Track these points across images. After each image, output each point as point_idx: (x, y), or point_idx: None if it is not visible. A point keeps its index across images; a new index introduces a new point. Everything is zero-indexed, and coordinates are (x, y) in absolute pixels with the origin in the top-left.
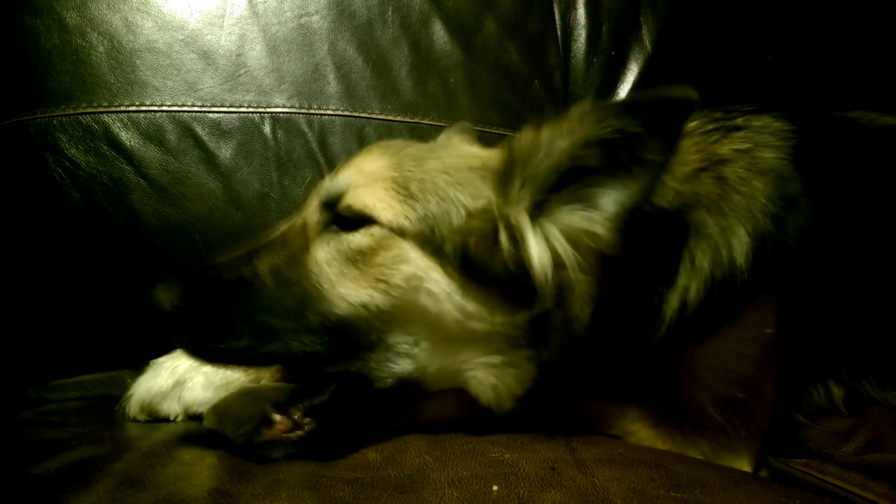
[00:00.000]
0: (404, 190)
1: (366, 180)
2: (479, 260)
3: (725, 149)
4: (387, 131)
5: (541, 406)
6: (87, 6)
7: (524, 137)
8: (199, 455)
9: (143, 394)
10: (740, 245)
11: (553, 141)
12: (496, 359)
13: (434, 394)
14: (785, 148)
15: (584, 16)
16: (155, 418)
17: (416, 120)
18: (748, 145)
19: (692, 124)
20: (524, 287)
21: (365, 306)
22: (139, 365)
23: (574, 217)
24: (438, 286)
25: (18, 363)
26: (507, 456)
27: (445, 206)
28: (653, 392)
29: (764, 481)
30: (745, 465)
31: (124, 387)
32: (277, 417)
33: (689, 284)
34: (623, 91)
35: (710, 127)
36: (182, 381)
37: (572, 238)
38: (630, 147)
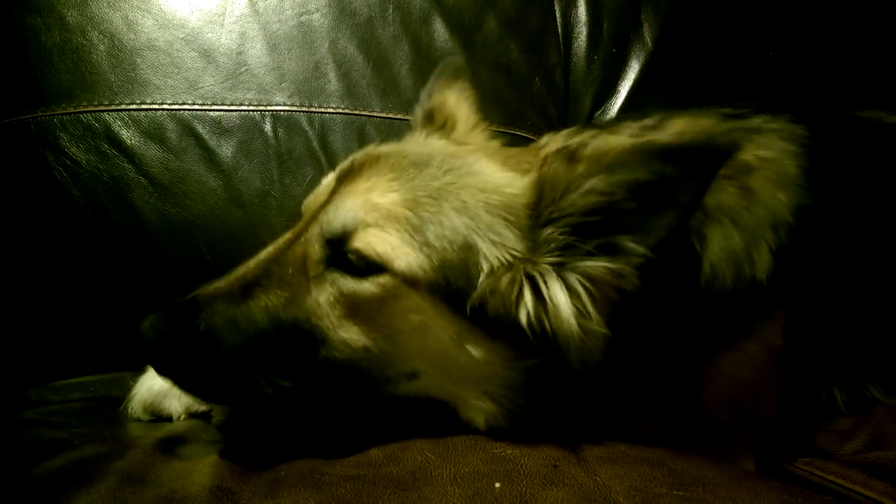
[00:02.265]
0: (420, 235)
1: (375, 219)
2: (491, 309)
3: (749, 155)
4: (387, 129)
5: (545, 419)
6: (87, 4)
7: (555, 172)
8: (201, 453)
9: (145, 393)
10: (763, 261)
11: (590, 180)
12: (490, 401)
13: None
14: (805, 157)
15: (584, 13)
16: (157, 417)
17: None
18: (771, 153)
19: (706, 122)
20: (536, 336)
21: (367, 350)
22: (140, 366)
23: (600, 266)
24: (446, 333)
25: (19, 363)
26: (509, 453)
27: (464, 256)
28: (662, 396)
29: (766, 480)
30: (749, 466)
31: (125, 388)
32: None
33: (708, 300)
34: (624, 89)
35: (726, 126)
36: None
37: (596, 286)
38: (663, 189)
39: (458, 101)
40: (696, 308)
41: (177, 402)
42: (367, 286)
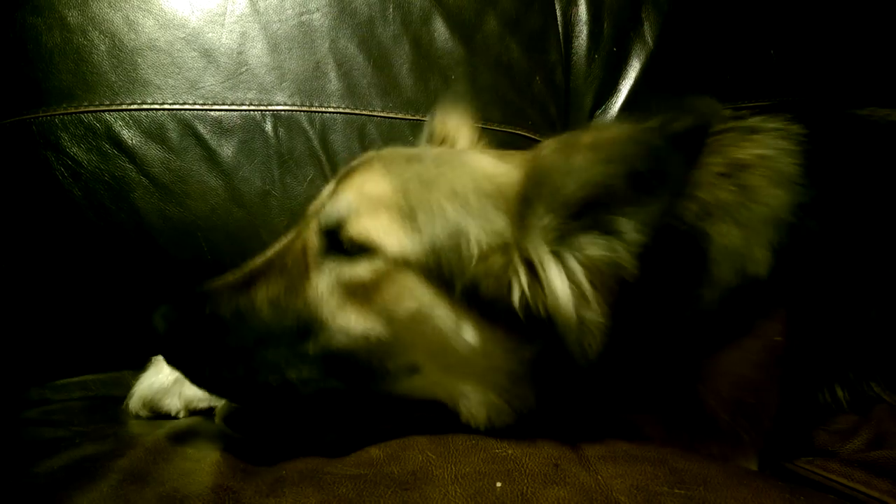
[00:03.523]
0: (410, 219)
1: (368, 207)
2: (487, 293)
3: (746, 153)
4: (388, 129)
5: (546, 417)
6: (88, 5)
7: (550, 158)
8: (203, 452)
9: (145, 390)
10: (763, 258)
11: (586, 166)
12: (492, 394)
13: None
14: (802, 154)
15: (585, 12)
16: (157, 414)
17: (417, 117)
18: (768, 151)
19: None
20: (532, 321)
21: (366, 338)
22: (141, 365)
23: (596, 247)
24: (443, 321)
25: (20, 363)
26: (510, 452)
27: (454, 237)
28: (664, 396)
29: (768, 478)
30: (752, 465)
31: (127, 387)
32: None
33: (711, 297)
34: (625, 87)
35: (724, 126)
36: (183, 378)
37: (593, 270)
38: (661, 174)
39: (458, 124)
40: (697, 305)
41: (177, 399)
42: (362, 270)
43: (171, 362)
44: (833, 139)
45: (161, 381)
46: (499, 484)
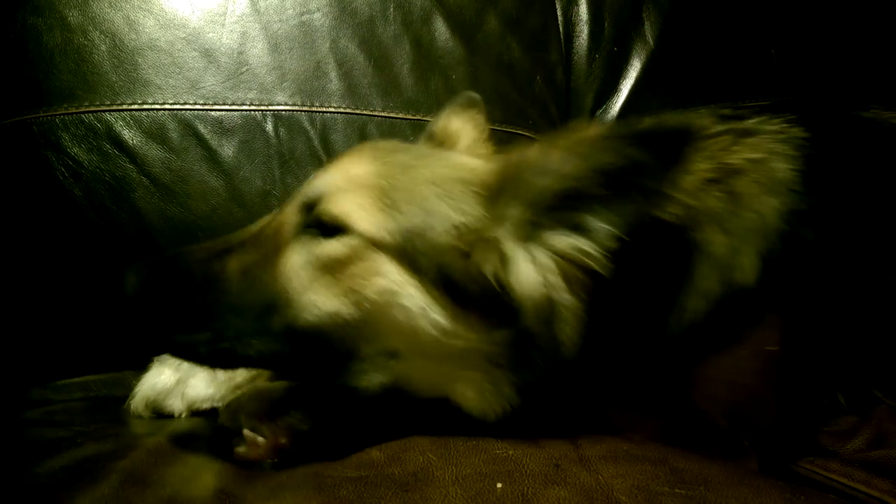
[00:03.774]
0: (387, 200)
1: (348, 185)
2: (458, 278)
3: (737, 158)
4: (389, 128)
5: (541, 412)
6: (88, 5)
7: (530, 156)
8: (204, 455)
9: (148, 391)
10: (750, 266)
11: (562, 164)
12: (476, 375)
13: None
14: (799, 159)
15: (585, 11)
16: (159, 415)
17: (417, 117)
18: (762, 155)
19: (699, 124)
20: (505, 307)
21: (334, 316)
22: (142, 366)
23: (565, 240)
24: (413, 301)
25: (22, 363)
26: (510, 453)
27: (429, 220)
28: (661, 402)
29: (768, 478)
30: (752, 467)
31: (128, 387)
32: (250, 437)
33: (695, 305)
34: (625, 87)
35: (718, 129)
36: (185, 378)
37: (561, 261)
38: (633, 174)
39: (463, 125)
40: (681, 312)
41: (179, 400)
42: (335, 246)
43: (138, 322)
44: (835, 142)
45: (164, 382)
46: (499, 485)
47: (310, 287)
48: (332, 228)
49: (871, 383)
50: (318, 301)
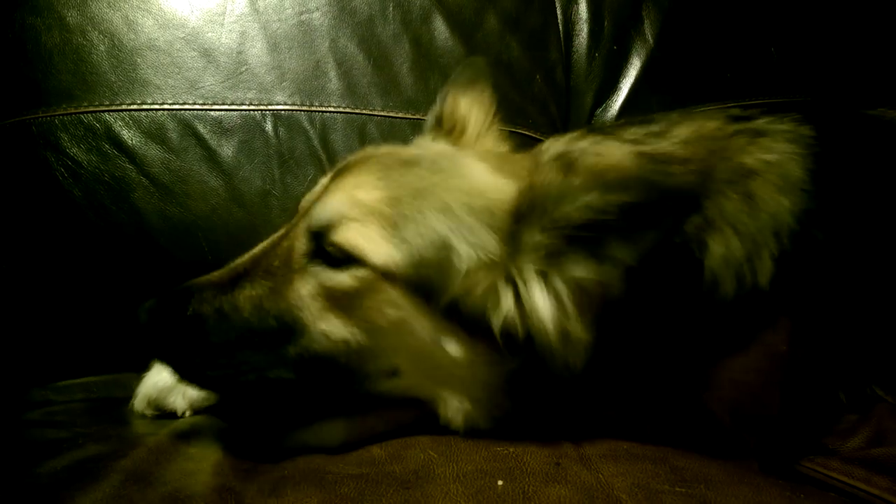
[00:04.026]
0: (399, 231)
1: (358, 214)
2: (472, 313)
3: (752, 158)
4: (388, 128)
5: (540, 420)
6: (87, 5)
7: (546, 178)
8: (205, 452)
9: (150, 389)
10: (765, 269)
11: (583, 191)
12: (469, 402)
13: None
14: (810, 159)
15: (585, 10)
16: (162, 413)
17: (417, 116)
18: (775, 156)
19: (712, 125)
20: (515, 338)
21: (346, 343)
22: (143, 367)
23: (585, 270)
24: (425, 333)
25: (22, 365)
26: (511, 451)
27: (442, 255)
28: (664, 402)
29: (768, 477)
30: (753, 466)
31: (128, 388)
32: None
33: (709, 308)
34: (625, 86)
35: (729, 129)
36: None
37: (578, 291)
38: (657, 215)
39: (470, 106)
40: (697, 316)
41: (181, 398)
42: (345, 278)
43: (153, 354)
44: (844, 142)
45: (165, 381)
46: (500, 482)
47: (322, 316)
48: (342, 260)
49: (871, 381)
50: (331, 330)
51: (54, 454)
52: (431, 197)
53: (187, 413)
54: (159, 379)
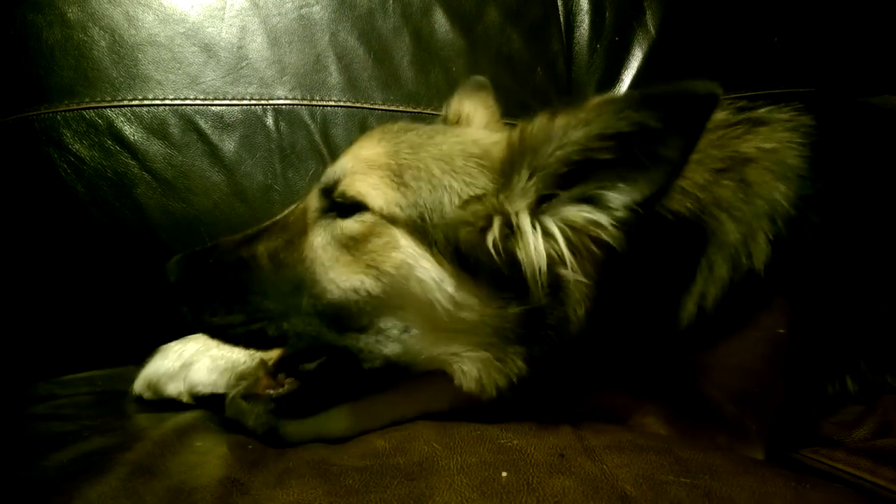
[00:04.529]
0: (398, 178)
1: (361, 167)
2: (470, 250)
3: (749, 146)
4: (389, 121)
5: (544, 393)
6: (88, 1)
7: (535, 125)
8: (210, 444)
9: (151, 373)
10: (760, 253)
11: (567, 130)
12: (483, 352)
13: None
14: (808, 146)
15: (586, 2)
16: (160, 397)
17: (418, 110)
18: (773, 144)
19: (719, 115)
20: (516, 281)
21: (356, 291)
22: (142, 360)
23: (579, 214)
24: (428, 274)
25: (27, 359)
26: (515, 442)
27: (438, 195)
28: (667, 388)
29: (774, 468)
30: (758, 455)
31: (132, 382)
32: (263, 378)
33: (706, 290)
34: (627, 77)
35: (733, 119)
36: (189, 364)
37: (574, 236)
38: (647, 143)
39: (474, 107)
40: (692, 298)
41: (181, 383)
42: (352, 223)
43: (180, 305)
44: (844, 129)
45: (167, 366)
46: (504, 474)
47: (332, 265)
48: (349, 209)
49: (884, 369)
50: (341, 278)
51: (60, 447)
52: (429, 148)
53: (184, 398)
54: (161, 364)
